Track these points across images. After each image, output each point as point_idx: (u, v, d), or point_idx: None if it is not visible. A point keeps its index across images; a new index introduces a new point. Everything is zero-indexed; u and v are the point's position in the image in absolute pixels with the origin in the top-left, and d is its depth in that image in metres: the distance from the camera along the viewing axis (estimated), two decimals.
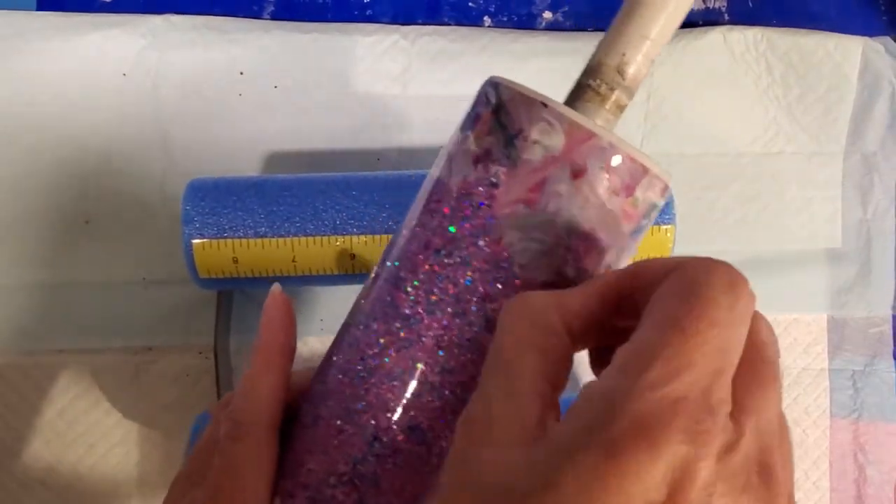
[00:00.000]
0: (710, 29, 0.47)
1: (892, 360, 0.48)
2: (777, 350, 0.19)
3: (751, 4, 0.49)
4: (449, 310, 0.22)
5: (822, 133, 0.48)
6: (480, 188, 0.22)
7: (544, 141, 0.21)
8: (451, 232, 0.22)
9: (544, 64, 0.46)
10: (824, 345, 0.47)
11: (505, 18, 0.48)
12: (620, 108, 0.23)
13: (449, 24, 0.47)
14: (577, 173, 0.21)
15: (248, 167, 0.46)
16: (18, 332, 0.44)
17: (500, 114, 0.22)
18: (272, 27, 0.46)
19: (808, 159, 0.48)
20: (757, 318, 0.19)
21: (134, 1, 0.45)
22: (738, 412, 0.18)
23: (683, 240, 0.44)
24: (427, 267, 0.22)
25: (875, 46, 0.48)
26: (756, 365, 0.19)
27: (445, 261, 0.22)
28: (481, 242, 0.22)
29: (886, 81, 0.48)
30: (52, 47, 0.44)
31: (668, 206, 0.40)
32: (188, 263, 0.38)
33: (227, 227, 0.38)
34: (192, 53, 0.45)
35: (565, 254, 0.21)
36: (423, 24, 0.47)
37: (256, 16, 0.46)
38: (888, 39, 0.48)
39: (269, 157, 0.46)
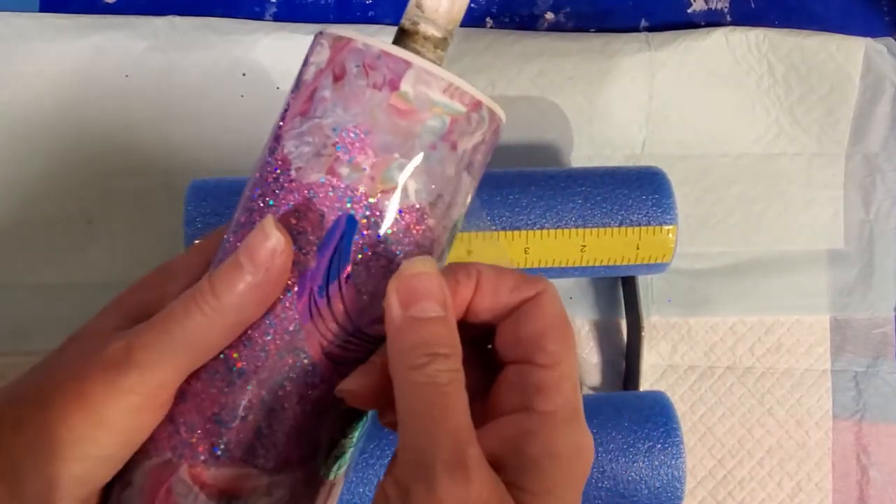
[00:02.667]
0: (713, 30, 0.47)
1: (895, 361, 0.47)
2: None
3: (753, 5, 0.49)
4: (243, 217, 0.25)
5: (824, 134, 0.48)
6: (278, 117, 0.25)
7: (316, 60, 0.25)
8: (259, 161, 0.26)
9: (546, 65, 0.46)
10: (827, 346, 0.47)
11: (507, 19, 0.48)
12: (433, 42, 0.25)
13: None
14: (338, 77, 0.24)
15: (251, 168, 0.46)
16: (19, 333, 0.44)
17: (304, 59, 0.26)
18: (274, 28, 0.46)
19: (809, 160, 0.48)
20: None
21: (136, 2, 0.45)
22: None
23: (685, 240, 0.44)
24: (244, 193, 0.26)
25: (877, 47, 0.48)
26: None
27: (252, 180, 0.26)
28: (270, 157, 0.25)
29: (889, 82, 0.48)
30: (54, 49, 0.44)
31: (670, 206, 0.40)
32: None
33: None
34: (195, 55, 0.45)
35: (333, 152, 0.23)
36: None
37: (258, 17, 0.47)
38: (890, 40, 0.48)
39: None
